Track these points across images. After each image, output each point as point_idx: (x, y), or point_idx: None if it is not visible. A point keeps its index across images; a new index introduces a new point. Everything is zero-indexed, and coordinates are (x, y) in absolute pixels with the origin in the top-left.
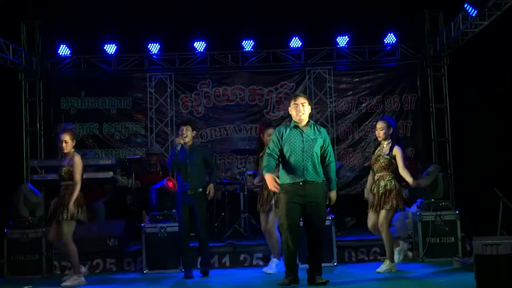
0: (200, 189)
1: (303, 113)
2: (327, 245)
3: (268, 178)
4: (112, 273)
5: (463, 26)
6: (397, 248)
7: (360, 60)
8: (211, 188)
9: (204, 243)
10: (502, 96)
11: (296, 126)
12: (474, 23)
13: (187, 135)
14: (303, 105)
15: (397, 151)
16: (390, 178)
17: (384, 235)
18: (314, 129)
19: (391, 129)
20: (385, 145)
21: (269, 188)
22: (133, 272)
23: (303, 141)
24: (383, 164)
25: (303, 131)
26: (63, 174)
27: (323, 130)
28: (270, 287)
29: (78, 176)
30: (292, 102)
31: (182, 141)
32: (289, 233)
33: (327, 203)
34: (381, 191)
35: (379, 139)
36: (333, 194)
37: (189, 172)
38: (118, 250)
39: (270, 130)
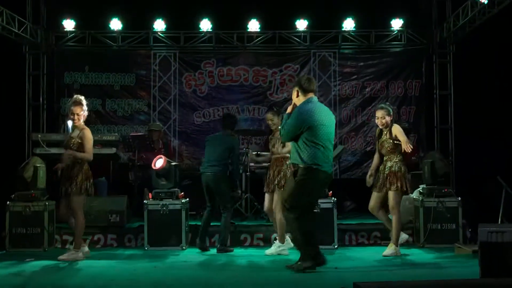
0: None
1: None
2: (328, 228)
3: None
4: (112, 248)
5: (471, 13)
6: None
7: (365, 44)
8: None
9: None
10: (507, 85)
11: None
12: (483, 10)
13: None
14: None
15: (395, 129)
16: (397, 160)
17: (394, 218)
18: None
19: (391, 116)
20: (386, 132)
21: None
22: (134, 248)
23: None
24: (388, 148)
25: None
26: (72, 146)
27: (296, 109)
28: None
29: (89, 149)
30: None
31: None
32: None
33: None
34: (386, 172)
35: (381, 127)
36: None
37: None
38: (120, 226)
39: (269, 115)
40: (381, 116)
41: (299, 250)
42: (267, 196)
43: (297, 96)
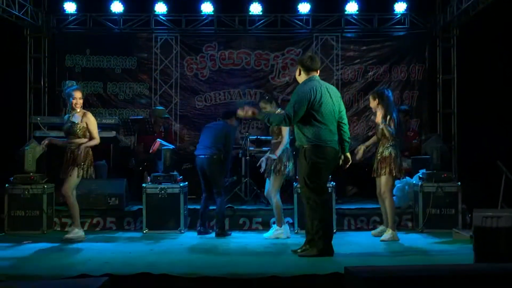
0: None
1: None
2: None
3: None
4: (112, 231)
5: None
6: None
7: (368, 28)
8: None
9: None
10: (511, 70)
11: None
12: None
13: None
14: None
15: (378, 114)
16: (387, 146)
17: (386, 203)
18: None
19: (378, 100)
20: (378, 115)
21: None
22: (132, 231)
23: None
24: (381, 132)
25: None
26: (78, 131)
27: (296, 88)
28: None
29: (96, 132)
30: None
31: None
32: None
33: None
34: (378, 157)
35: (374, 110)
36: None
37: None
38: (119, 209)
39: (262, 103)
40: (371, 100)
41: (310, 236)
42: (267, 180)
43: (299, 74)
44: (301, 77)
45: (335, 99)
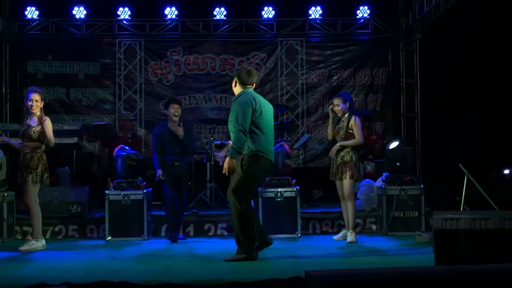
0: None
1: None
2: (291, 216)
3: None
4: (74, 239)
5: (435, 1)
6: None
7: (332, 32)
8: None
9: None
10: (472, 73)
11: None
12: None
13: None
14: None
15: (354, 122)
16: (348, 150)
17: (349, 206)
18: (233, 105)
19: (347, 103)
20: (344, 119)
21: None
22: (95, 239)
23: None
24: (342, 136)
25: None
26: (32, 134)
27: (236, 101)
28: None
29: (51, 135)
30: None
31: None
32: None
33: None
34: (339, 161)
35: (339, 114)
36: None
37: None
38: (81, 217)
39: None
40: (336, 104)
41: (238, 241)
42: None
43: (235, 85)
44: (236, 89)
45: (270, 112)
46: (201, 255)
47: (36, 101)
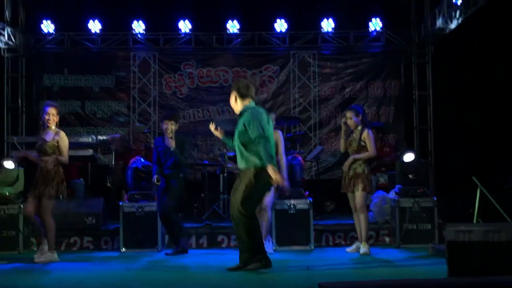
0: None
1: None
2: (304, 228)
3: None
4: (89, 251)
5: (447, 14)
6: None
7: (344, 45)
8: None
9: None
10: (484, 86)
11: None
12: (459, 11)
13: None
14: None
15: (366, 135)
16: (361, 163)
17: (361, 218)
18: (242, 117)
19: (360, 116)
20: (356, 131)
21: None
22: (110, 250)
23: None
24: (355, 148)
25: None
26: (48, 148)
27: (246, 113)
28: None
29: (66, 151)
30: None
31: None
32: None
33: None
34: (351, 174)
35: (351, 127)
36: (268, 169)
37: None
38: (96, 228)
39: None
40: (349, 117)
41: (247, 252)
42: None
43: (235, 101)
44: (238, 104)
45: (271, 125)
46: (215, 266)
47: (52, 115)
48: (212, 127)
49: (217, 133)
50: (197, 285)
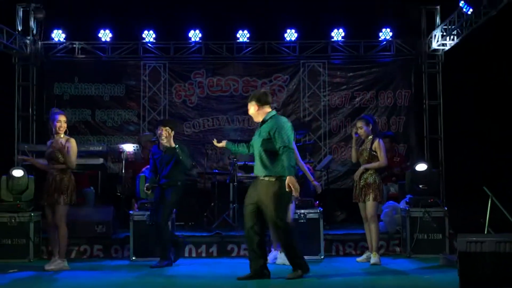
0: None
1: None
2: (314, 238)
3: None
4: (99, 259)
5: (458, 23)
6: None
7: (355, 54)
8: None
9: None
10: (496, 95)
11: None
12: (469, 20)
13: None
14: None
15: (377, 144)
16: (371, 172)
17: (372, 227)
18: (266, 124)
19: (370, 125)
20: (367, 141)
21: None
22: (120, 259)
23: (255, 138)
24: (366, 158)
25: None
26: (59, 157)
27: (271, 120)
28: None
29: (75, 157)
30: None
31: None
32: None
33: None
34: (362, 184)
35: (362, 137)
36: (288, 180)
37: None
38: (106, 237)
39: None
40: (359, 126)
41: (291, 260)
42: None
43: (257, 110)
44: (260, 112)
45: None
46: (226, 275)
47: (64, 122)
48: (215, 142)
49: (221, 145)
50: None
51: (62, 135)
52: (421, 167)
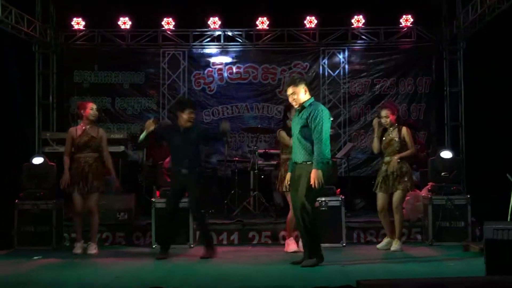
0: None
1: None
2: (336, 226)
3: None
4: (121, 246)
5: (481, 9)
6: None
7: (375, 41)
8: None
9: None
10: None
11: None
12: (492, 6)
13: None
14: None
15: (406, 133)
16: (404, 161)
17: (398, 216)
18: (306, 110)
19: (396, 114)
20: (391, 130)
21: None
22: (142, 246)
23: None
24: (397, 149)
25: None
26: (92, 145)
27: (313, 108)
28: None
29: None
30: None
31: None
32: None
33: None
34: (396, 173)
35: (387, 126)
36: (312, 173)
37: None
38: (128, 224)
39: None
40: (384, 115)
41: (309, 247)
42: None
43: (305, 93)
44: (305, 96)
45: None
46: (248, 262)
47: (96, 110)
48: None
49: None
50: (233, 281)
51: (93, 123)
52: (446, 154)
